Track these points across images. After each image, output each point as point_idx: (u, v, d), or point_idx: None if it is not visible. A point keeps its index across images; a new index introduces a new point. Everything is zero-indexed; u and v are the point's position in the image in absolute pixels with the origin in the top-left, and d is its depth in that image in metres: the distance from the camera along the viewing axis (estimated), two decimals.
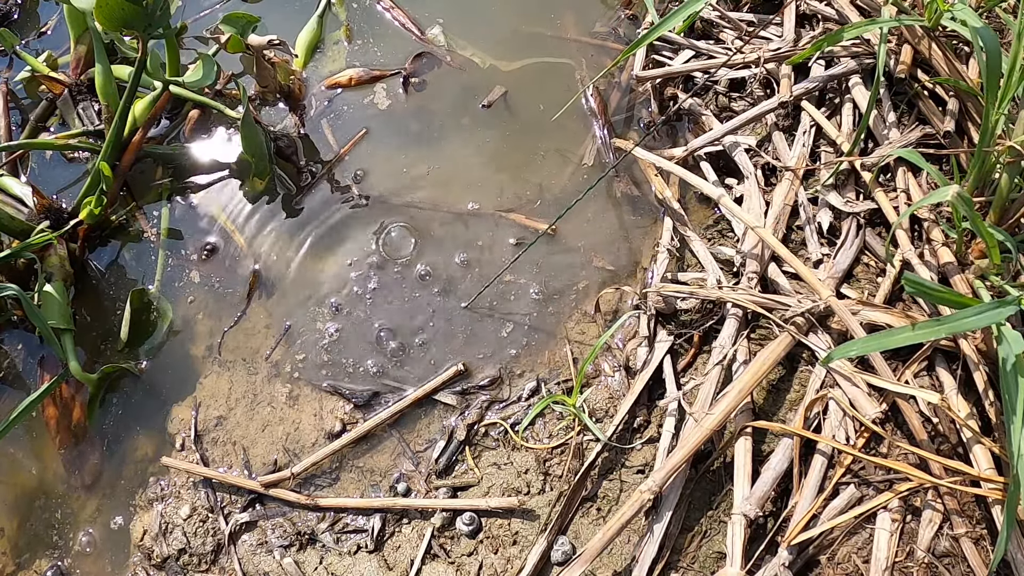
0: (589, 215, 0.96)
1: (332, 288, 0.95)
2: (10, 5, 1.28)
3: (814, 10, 1.04)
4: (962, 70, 0.91)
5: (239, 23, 0.97)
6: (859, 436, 0.73)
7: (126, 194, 1.06)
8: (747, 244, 0.86)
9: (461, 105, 1.07)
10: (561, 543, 0.75)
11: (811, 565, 0.70)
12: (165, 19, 0.91)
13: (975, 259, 0.79)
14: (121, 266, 1.02)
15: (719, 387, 0.78)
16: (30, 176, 1.10)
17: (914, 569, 0.67)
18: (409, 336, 0.91)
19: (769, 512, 0.72)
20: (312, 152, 1.06)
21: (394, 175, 1.02)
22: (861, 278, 0.85)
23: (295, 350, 0.92)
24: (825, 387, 0.77)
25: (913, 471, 0.69)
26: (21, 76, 1.16)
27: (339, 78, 1.11)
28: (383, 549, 0.80)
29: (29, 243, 0.92)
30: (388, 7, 1.17)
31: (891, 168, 0.89)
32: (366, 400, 0.87)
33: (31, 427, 0.93)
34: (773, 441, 0.76)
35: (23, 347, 0.97)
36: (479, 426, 0.84)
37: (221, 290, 0.97)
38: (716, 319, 0.83)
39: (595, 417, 0.81)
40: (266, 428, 0.88)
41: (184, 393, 0.91)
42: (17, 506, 0.89)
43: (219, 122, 1.10)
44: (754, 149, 0.95)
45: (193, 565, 0.82)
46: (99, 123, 1.08)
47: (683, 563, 0.73)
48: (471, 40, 1.12)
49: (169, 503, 0.85)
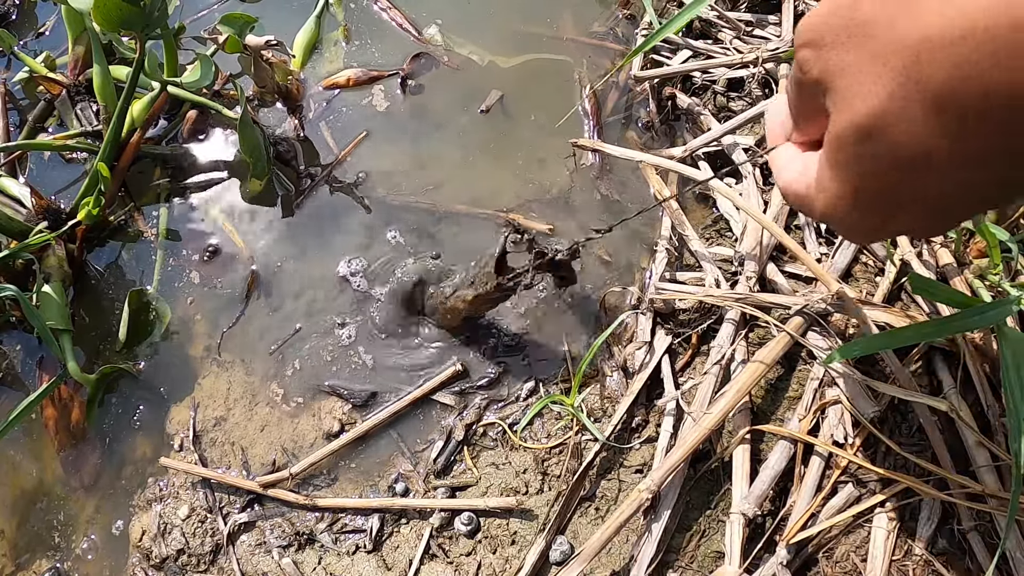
0: (589, 215, 0.96)
1: (331, 288, 0.95)
2: (8, 6, 1.28)
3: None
4: None
5: (237, 23, 0.97)
6: (857, 435, 0.72)
7: (124, 195, 1.06)
8: (746, 244, 0.86)
9: (459, 105, 1.07)
10: (559, 543, 0.75)
11: (809, 564, 0.70)
12: (163, 19, 0.91)
13: (974, 259, 0.79)
14: (120, 266, 1.02)
15: (717, 386, 0.78)
16: (28, 177, 1.10)
17: (912, 567, 0.67)
18: (409, 335, 0.90)
19: (767, 511, 0.72)
20: (312, 156, 1.06)
21: (393, 176, 1.02)
22: (859, 277, 0.85)
23: (294, 351, 0.92)
24: (824, 387, 0.77)
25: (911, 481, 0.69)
26: (19, 77, 1.16)
27: (337, 79, 1.11)
28: (382, 549, 0.80)
29: (27, 244, 0.92)
30: (385, 7, 1.17)
31: None
32: (364, 400, 0.87)
33: (30, 428, 0.93)
34: (771, 440, 0.76)
35: (21, 348, 0.97)
36: (477, 426, 0.84)
37: (220, 291, 0.97)
38: (714, 319, 0.83)
39: (593, 417, 0.81)
40: (264, 428, 0.88)
41: (183, 394, 0.91)
42: (16, 507, 0.89)
43: (217, 123, 1.10)
44: (753, 149, 0.95)
45: (192, 565, 0.82)
46: (97, 124, 1.08)
47: (682, 562, 0.72)
48: (469, 39, 1.12)
49: (168, 504, 0.85)
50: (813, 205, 0.41)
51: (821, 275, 0.79)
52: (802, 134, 0.44)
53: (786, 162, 0.45)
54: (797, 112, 0.43)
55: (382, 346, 0.90)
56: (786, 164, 0.45)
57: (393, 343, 0.90)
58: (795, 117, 0.44)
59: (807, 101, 0.40)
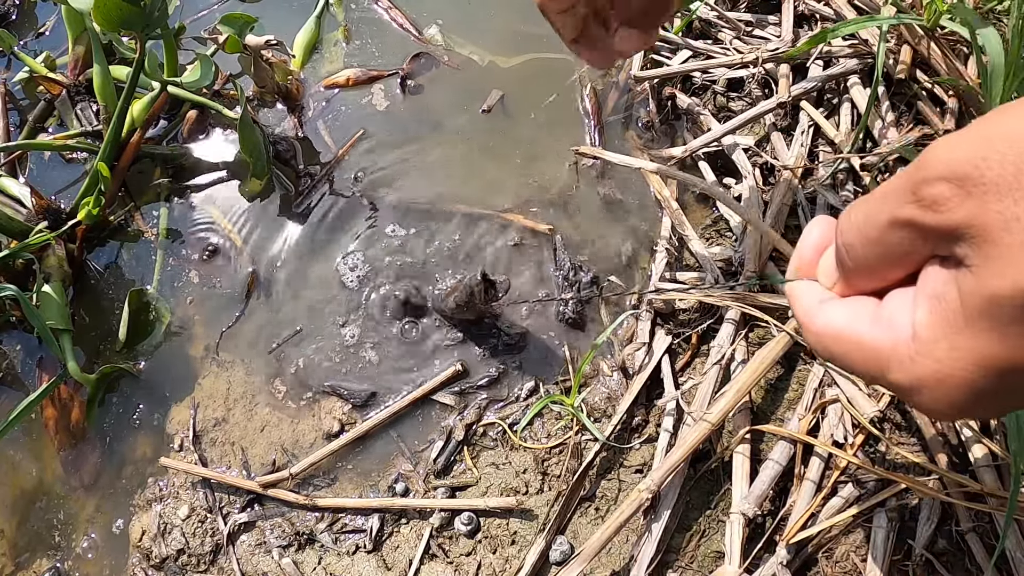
0: (588, 214, 0.96)
1: (330, 288, 0.95)
2: (8, 6, 1.28)
3: (812, 10, 1.04)
4: (962, 70, 0.91)
5: (237, 23, 0.97)
6: (857, 435, 0.73)
7: (124, 195, 1.06)
8: (746, 244, 0.86)
9: (459, 105, 1.07)
10: (559, 543, 0.75)
11: (809, 564, 0.70)
12: (163, 19, 0.91)
13: None
14: (120, 266, 1.02)
15: (717, 386, 0.78)
16: (28, 177, 1.10)
17: (912, 567, 0.67)
18: (410, 335, 0.90)
19: (767, 511, 0.72)
20: (311, 155, 1.06)
21: (393, 175, 1.02)
22: None
23: (294, 351, 0.91)
24: (824, 386, 0.77)
25: (910, 481, 0.69)
26: (19, 77, 1.16)
27: (337, 78, 1.11)
28: (381, 549, 0.80)
29: (27, 243, 0.92)
30: (386, 7, 1.17)
31: (890, 168, 0.89)
32: (364, 400, 0.87)
33: (30, 428, 0.93)
34: (771, 440, 0.76)
35: (21, 348, 0.97)
36: (477, 426, 0.84)
37: (219, 290, 0.97)
38: (714, 319, 0.83)
39: (593, 417, 0.81)
40: (264, 428, 0.88)
41: (183, 393, 0.91)
42: (16, 507, 0.89)
43: (217, 123, 1.10)
44: (753, 149, 0.95)
45: (192, 565, 0.82)
46: (97, 124, 1.08)
47: (681, 562, 0.73)
48: (469, 39, 1.13)
49: (168, 503, 0.85)
50: (907, 367, 0.33)
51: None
52: (870, 278, 0.36)
53: (844, 308, 0.37)
54: (880, 252, 0.35)
55: (381, 346, 0.90)
56: (845, 310, 0.37)
57: (392, 343, 0.90)
58: (865, 255, 0.35)
59: (910, 243, 0.33)
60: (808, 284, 0.39)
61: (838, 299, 0.38)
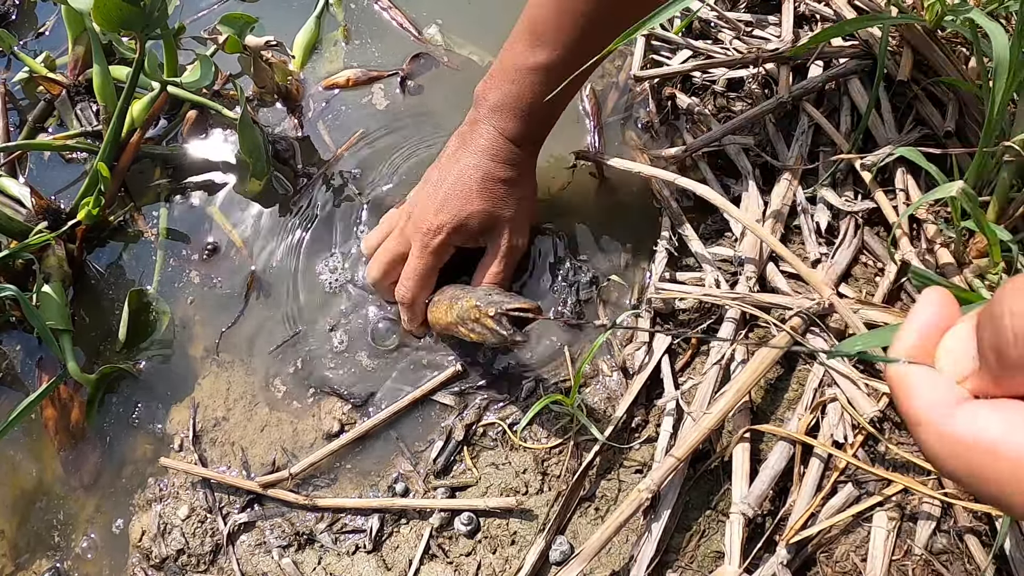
0: (588, 214, 0.96)
1: (329, 288, 0.95)
2: (8, 6, 1.28)
3: (812, 10, 1.04)
4: (963, 70, 0.91)
5: (237, 23, 0.97)
6: (857, 434, 0.73)
7: (124, 195, 1.06)
8: (745, 244, 0.86)
9: (459, 106, 1.06)
10: (559, 543, 0.75)
11: (809, 564, 0.70)
12: (163, 19, 0.91)
13: (974, 258, 0.79)
14: (120, 266, 1.02)
15: (717, 386, 0.78)
16: (28, 177, 1.10)
17: (911, 567, 0.67)
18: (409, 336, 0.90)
19: (767, 511, 0.72)
20: (310, 155, 1.06)
21: (392, 176, 1.02)
22: (859, 277, 0.85)
23: (294, 351, 0.91)
24: (823, 386, 0.77)
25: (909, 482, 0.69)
26: (19, 77, 1.16)
27: (337, 79, 1.11)
28: (381, 549, 0.80)
29: (27, 244, 0.92)
30: (386, 7, 1.17)
31: (890, 168, 0.89)
32: (364, 400, 0.87)
33: (30, 428, 0.93)
34: (771, 440, 0.76)
35: (21, 348, 0.97)
36: (477, 426, 0.84)
37: (219, 290, 0.97)
38: (714, 319, 0.83)
39: (593, 417, 0.81)
40: (264, 428, 0.88)
41: (182, 394, 0.91)
42: (16, 507, 0.89)
43: (217, 123, 1.10)
44: (753, 149, 0.95)
45: (192, 565, 0.82)
46: (97, 124, 1.08)
47: (681, 562, 0.72)
48: (469, 39, 1.12)
49: (168, 504, 0.85)
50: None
51: (815, 283, 0.79)
52: (1011, 383, 0.29)
53: (998, 415, 0.28)
54: None
55: (381, 346, 0.90)
56: (999, 418, 0.28)
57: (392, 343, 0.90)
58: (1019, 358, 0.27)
59: None
60: (929, 373, 0.31)
61: (983, 403, 0.29)
